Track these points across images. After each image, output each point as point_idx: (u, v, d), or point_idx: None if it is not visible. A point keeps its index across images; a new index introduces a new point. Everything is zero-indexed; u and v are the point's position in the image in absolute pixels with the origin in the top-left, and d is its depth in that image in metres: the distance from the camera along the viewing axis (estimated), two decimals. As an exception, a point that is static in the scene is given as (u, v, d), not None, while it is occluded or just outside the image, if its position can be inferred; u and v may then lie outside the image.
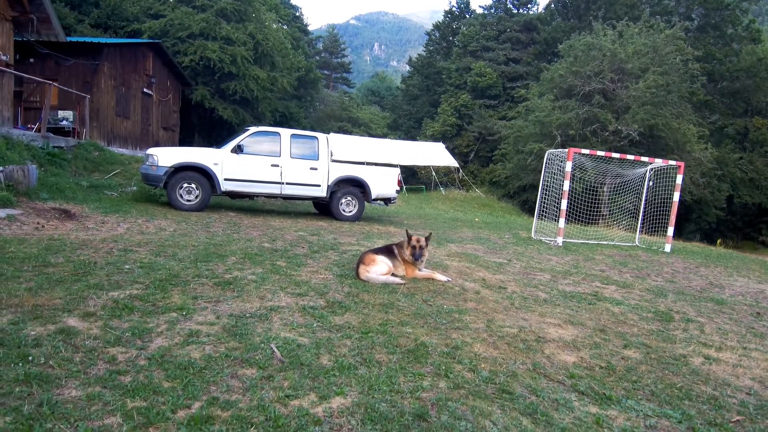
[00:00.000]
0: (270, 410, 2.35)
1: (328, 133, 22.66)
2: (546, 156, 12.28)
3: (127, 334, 3.13)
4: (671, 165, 12.39)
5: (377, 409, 2.45)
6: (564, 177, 11.31)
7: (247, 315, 3.75)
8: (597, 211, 16.45)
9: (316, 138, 10.94)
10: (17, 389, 2.31)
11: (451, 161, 30.23)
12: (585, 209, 14.65)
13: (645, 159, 12.19)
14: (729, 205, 31.09)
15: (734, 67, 31.93)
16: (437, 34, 48.18)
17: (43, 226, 6.80)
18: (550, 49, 34.23)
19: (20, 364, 2.54)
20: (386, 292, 4.81)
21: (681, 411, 2.86)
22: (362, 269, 5.28)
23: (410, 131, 42.84)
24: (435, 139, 34.65)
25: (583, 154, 12.09)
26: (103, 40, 17.62)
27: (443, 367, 3.09)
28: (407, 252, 5.50)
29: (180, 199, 9.70)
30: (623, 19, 25.29)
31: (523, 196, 31.79)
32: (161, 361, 2.79)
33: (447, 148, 31.87)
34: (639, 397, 3.01)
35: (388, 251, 5.64)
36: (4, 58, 12.37)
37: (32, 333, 2.96)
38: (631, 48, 22.01)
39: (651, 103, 21.23)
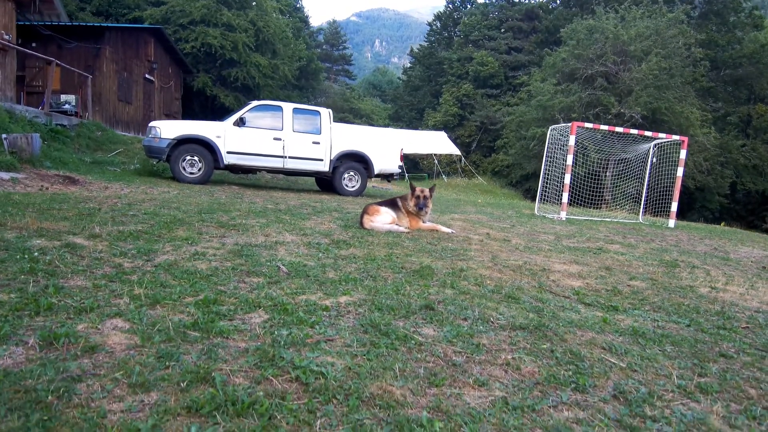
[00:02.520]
0: (278, 299, 2.35)
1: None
2: (549, 132, 12.25)
3: (132, 251, 3.13)
4: (674, 140, 12.34)
5: (384, 303, 2.45)
6: (567, 151, 11.28)
7: (253, 245, 3.75)
8: (600, 196, 16.44)
9: (318, 112, 10.91)
10: (22, 277, 2.31)
11: (453, 149, 30.17)
12: (588, 194, 14.64)
13: (648, 133, 12.15)
14: (732, 193, 31.02)
15: (737, 54, 31.75)
16: (438, 25, 48.02)
17: (47, 188, 6.80)
18: (552, 38, 34.10)
19: (26, 258, 2.54)
20: (390, 236, 4.81)
21: (689, 319, 2.85)
22: (366, 219, 5.27)
23: (412, 122, 42.76)
24: (437, 130, 34.58)
25: (586, 128, 12.04)
26: (104, 24, 17.60)
27: (449, 281, 3.08)
28: (411, 203, 5.49)
29: (183, 171, 9.70)
30: (624, 4, 25.14)
31: (525, 185, 31.71)
32: (168, 268, 2.79)
33: (449, 138, 31.82)
34: (646, 309, 3.00)
35: (392, 204, 5.63)
36: (6, 37, 12.36)
37: (37, 243, 2.96)
38: (633, 30, 21.89)
39: (654, 86, 21.13)
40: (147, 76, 20.37)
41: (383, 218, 5.28)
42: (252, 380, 1.46)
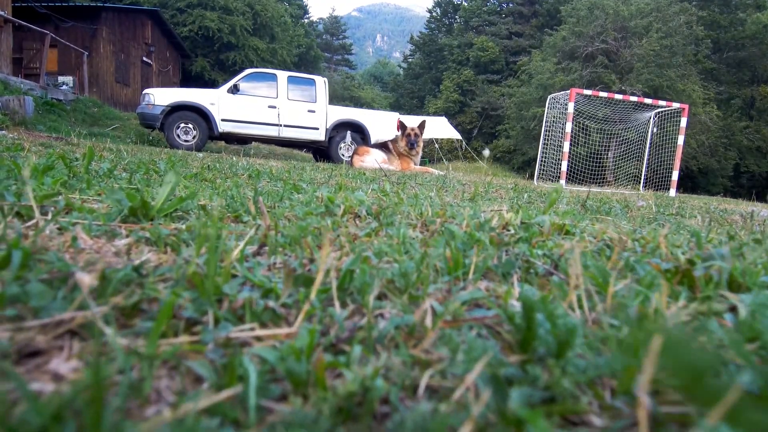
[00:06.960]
0: (251, 169, 2.29)
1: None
2: (548, 100, 12.16)
3: (110, 153, 3.07)
4: (675, 108, 12.21)
5: (360, 179, 2.38)
6: (566, 119, 11.19)
7: (236, 162, 3.69)
8: (602, 177, 16.38)
9: (313, 81, 10.81)
10: (-11, 146, 2.26)
11: (454, 134, 30.00)
12: (589, 175, 14.60)
13: (648, 101, 12.03)
14: (736, 176, 30.80)
15: (739, 35, 31.39)
16: (438, 11, 47.69)
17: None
18: (553, 21, 33.80)
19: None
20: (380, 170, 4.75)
21: (681, 209, 2.77)
22: (356, 159, 5.21)
23: (413, 110, 42.53)
24: (437, 116, 34.41)
25: (585, 95, 11.95)
26: (100, 4, 17.54)
27: (431, 183, 3.02)
28: (402, 142, 5.42)
29: (177, 138, 9.65)
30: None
31: (527, 171, 31.58)
32: (143, 158, 2.73)
33: (449, 123, 31.62)
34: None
35: (383, 146, 5.57)
36: (1, 13, 12.33)
37: (12, 137, 2.90)
38: (633, 6, 21.70)
39: (655, 64, 20.95)
40: (144, 59, 20.30)
41: (373, 157, 5.21)
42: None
